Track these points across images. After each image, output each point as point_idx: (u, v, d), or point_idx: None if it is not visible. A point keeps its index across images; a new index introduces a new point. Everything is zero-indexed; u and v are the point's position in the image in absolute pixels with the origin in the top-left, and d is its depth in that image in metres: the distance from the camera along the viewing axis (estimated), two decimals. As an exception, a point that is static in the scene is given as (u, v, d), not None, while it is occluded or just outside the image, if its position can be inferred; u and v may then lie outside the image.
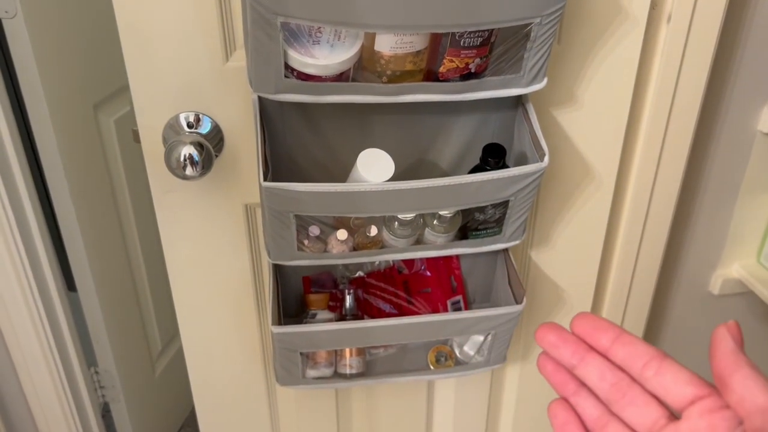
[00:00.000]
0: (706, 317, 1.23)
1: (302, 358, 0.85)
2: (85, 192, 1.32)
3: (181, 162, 0.72)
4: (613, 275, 1.02)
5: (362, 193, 0.69)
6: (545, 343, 0.38)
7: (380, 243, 0.79)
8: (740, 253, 1.16)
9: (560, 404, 0.38)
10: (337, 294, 0.91)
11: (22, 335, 1.30)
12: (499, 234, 0.80)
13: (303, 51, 0.64)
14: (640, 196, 0.95)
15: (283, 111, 0.78)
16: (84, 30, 1.26)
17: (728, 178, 1.08)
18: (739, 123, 1.03)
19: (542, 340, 0.38)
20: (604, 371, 0.36)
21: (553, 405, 0.38)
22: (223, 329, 0.95)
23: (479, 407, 1.10)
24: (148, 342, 1.64)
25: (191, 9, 0.72)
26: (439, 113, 0.81)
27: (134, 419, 1.61)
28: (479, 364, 0.91)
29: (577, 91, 0.83)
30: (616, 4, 0.78)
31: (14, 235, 1.19)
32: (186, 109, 0.78)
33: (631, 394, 0.35)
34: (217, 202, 0.84)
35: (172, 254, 0.88)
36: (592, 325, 0.37)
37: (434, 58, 0.68)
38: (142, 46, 0.73)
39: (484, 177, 0.70)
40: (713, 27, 0.84)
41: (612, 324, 0.37)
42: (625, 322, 1.08)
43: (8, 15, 1.08)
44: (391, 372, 0.92)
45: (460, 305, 0.94)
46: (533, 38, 0.66)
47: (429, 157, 0.84)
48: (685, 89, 0.87)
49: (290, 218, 0.72)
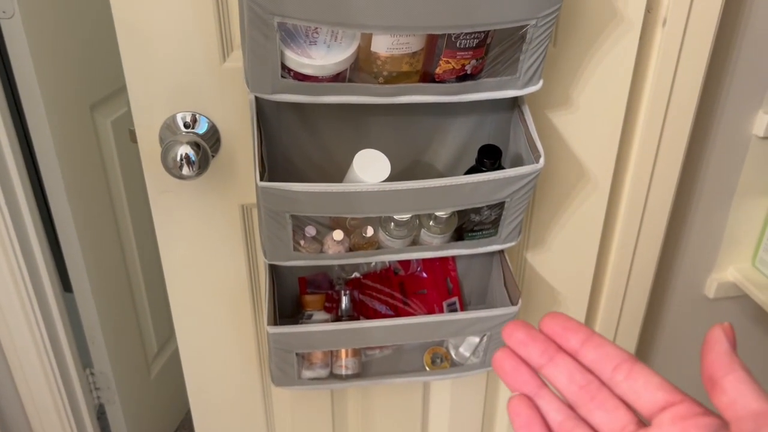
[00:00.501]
0: (701, 320, 1.23)
1: (298, 358, 0.85)
2: (82, 193, 1.32)
3: (177, 162, 0.72)
4: (608, 277, 1.02)
5: (359, 194, 0.70)
6: (512, 341, 0.36)
7: (376, 244, 0.79)
8: (735, 257, 1.16)
9: (523, 401, 0.35)
10: (333, 295, 0.91)
11: (17, 336, 1.30)
12: (494, 235, 0.80)
13: (300, 51, 0.64)
14: (636, 199, 0.95)
15: (280, 111, 0.78)
16: (81, 31, 1.26)
17: (723, 181, 1.08)
18: (734, 126, 1.03)
19: (509, 336, 0.36)
20: (573, 373, 0.34)
21: (514, 401, 0.35)
22: (218, 330, 0.95)
23: (475, 409, 1.10)
24: (143, 343, 1.63)
25: (189, 9, 0.72)
26: (434, 114, 0.81)
27: (129, 421, 1.60)
28: (475, 365, 0.91)
29: (573, 93, 0.84)
30: (612, 8, 0.79)
31: (10, 236, 1.19)
32: (183, 109, 0.78)
33: (600, 397, 0.34)
34: (213, 203, 0.85)
35: (168, 254, 0.88)
36: (562, 325, 0.36)
37: (430, 60, 0.68)
38: (140, 46, 0.74)
39: (480, 178, 0.71)
40: (708, 31, 0.84)
41: (582, 325, 0.36)
42: (620, 325, 1.08)
43: (6, 15, 1.08)
44: (387, 373, 0.92)
45: (456, 307, 0.94)
46: (529, 40, 0.66)
47: (425, 159, 0.84)
48: (680, 92, 0.88)
49: (286, 218, 0.72)
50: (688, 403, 0.32)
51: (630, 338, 1.11)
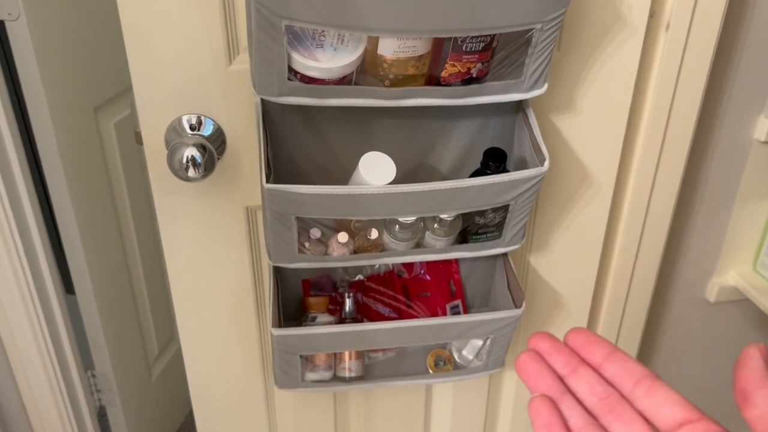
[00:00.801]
0: (702, 324, 1.23)
1: (301, 361, 0.85)
2: (85, 195, 1.32)
3: (183, 164, 0.73)
4: (610, 280, 1.03)
5: (364, 196, 0.70)
6: (538, 350, 0.37)
7: (381, 246, 0.79)
8: (736, 261, 1.17)
9: (545, 401, 0.35)
10: (336, 297, 0.92)
11: (19, 337, 1.30)
12: (499, 238, 0.80)
13: (306, 54, 0.65)
14: (639, 202, 0.96)
15: (285, 114, 0.78)
16: (85, 33, 1.27)
17: (724, 185, 1.08)
18: (735, 131, 1.04)
19: (535, 347, 0.37)
20: (594, 384, 0.35)
21: (536, 401, 0.35)
22: (222, 332, 0.95)
23: (477, 412, 1.11)
24: (145, 345, 1.63)
25: (195, 12, 0.73)
26: (439, 117, 0.81)
27: (130, 423, 1.60)
28: (478, 368, 0.92)
29: (577, 97, 0.84)
30: (616, 12, 0.79)
31: (14, 237, 1.20)
32: (189, 111, 0.78)
33: (620, 410, 0.34)
34: (217, 205, 0.85)
35: (172, 256, 0.88)
36: (586, 339, 0.37)
37: (436, 63, 0.68)
38: (146, 49, 0.74)
39: (485, 181, 0.71)
40: (711, 35, 0.85)
41: (605, 340, 0.37)
42: (622, 328, 1.08)
43: (11, 17, 1.08)
44: (390, 376, 0.93)
45: (459, 309, 0.94)
46: (534, 44, 0.67)
47: (429, 161, 0.85)
48: (683, 97, 0.88)
49: (291, 220, 0.72)
50: (705, 421, 0.32)
51: (632, 341, 1.11)
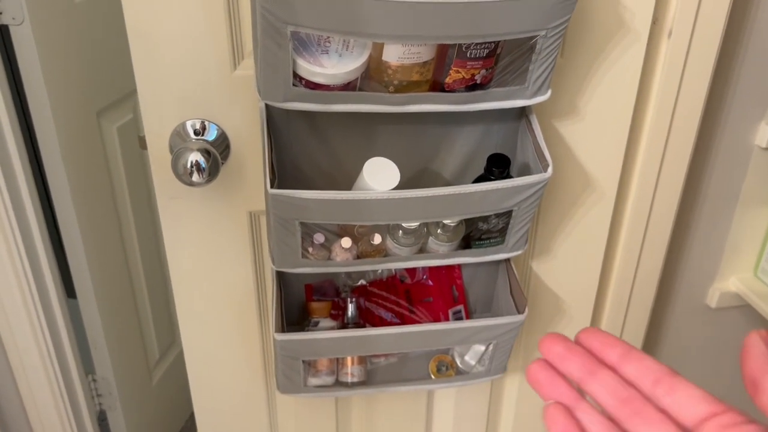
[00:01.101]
0: (704, 330, 1.23)
1: (304, 366, 0.85)
2: (87, 199, 1.32)
3: (188, 168, 0.73)
4: (612, 286, 1.03)
5: (368, 201, 0.70)
6: (551, 354, 0.35)
7: (384, 251, 0.79)
8: (737, 267, 1.17)
9: (560, 409, 0.34)
10: (339, 302, 0.92)
11: (21, 341, 1.30)
12: (502, 244, 0.80)
13: (312, 60, 0.65)
14: (641, 208, 0.96)
15: (290, 119, 0.78)
16: (89, 37, 1.27)
17: (726, 191, 1.09)
18: (737, 137, 1.04)
19: (548, 350, 0.35)
20: (615, 387, 0.34)
21: (551, 409, 0.34)
22: (224, 336, 0.95)
23: (479, 417, 1.11)
24: (145, 350, 1.63)
25: (200, 17, 0.73)
26: (443, 123, 0.82)
27: (131, 427, 1.60)
28: (480, 373, 0.92)
29: (580, 103, 0.85)
30: (619, 19, 0.80)
31: (16, 241, 1.20)
32: (193, 116, 0.78)
33: (645, 412, 0.33)
34: (221, 209, 0.85)
35: (175, 260, 0.88)
36: (600, 340, 0.35)
37: (441, 69, 0.68)
38: (151, 54, 0.74)
39: (489, 186, 0.71)
40: (713, 42, 0.85)
41: (620, 339, 0.35)
42: (624, 333, 1.08)
43: (15, 22, 1.09)
44: (392, 381, 0.93)
45: (462, 315, 0.94)
46: (538, 50, 0.67)
47: (433, 167, 0.85)
48: (685, 103, 0.89)
49: (295, 225, 0.72)
50: (732, 412, 0.31)
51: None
